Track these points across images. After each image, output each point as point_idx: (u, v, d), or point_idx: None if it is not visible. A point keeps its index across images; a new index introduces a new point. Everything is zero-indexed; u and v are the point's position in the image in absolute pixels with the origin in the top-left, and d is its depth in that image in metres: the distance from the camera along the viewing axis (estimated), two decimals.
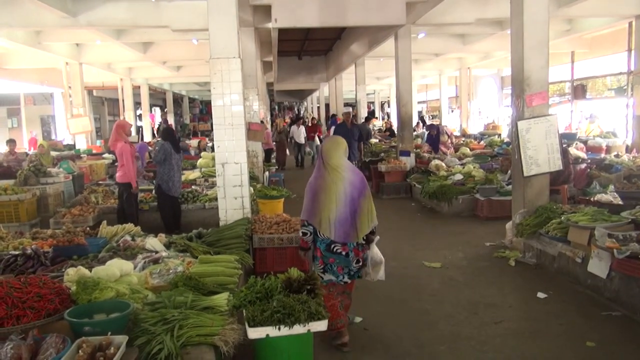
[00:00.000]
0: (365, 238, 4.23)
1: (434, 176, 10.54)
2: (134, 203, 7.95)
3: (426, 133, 15.76)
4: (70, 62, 15.24)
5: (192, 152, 15.67)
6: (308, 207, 4.16)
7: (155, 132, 22.90)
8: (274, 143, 18.81)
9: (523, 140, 6.33)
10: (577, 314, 4.74)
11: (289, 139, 20.20)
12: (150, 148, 14.76)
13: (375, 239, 4.34)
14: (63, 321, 3.17)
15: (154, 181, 9.71)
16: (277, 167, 16.16)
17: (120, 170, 7.80)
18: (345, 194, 4.09)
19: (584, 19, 12.89)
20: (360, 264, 4.26)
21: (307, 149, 19.66)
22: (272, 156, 17.23)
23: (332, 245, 4.15)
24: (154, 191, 8.59)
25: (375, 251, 4.35)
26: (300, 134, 19.16)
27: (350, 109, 12.86)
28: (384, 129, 22.40)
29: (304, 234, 4.21)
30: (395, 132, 19.31)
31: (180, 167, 8.19)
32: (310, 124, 21.79)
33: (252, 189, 7.77)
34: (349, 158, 8.39)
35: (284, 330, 3.40)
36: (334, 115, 21.07)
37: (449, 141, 14.18)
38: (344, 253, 4.17)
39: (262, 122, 13.72)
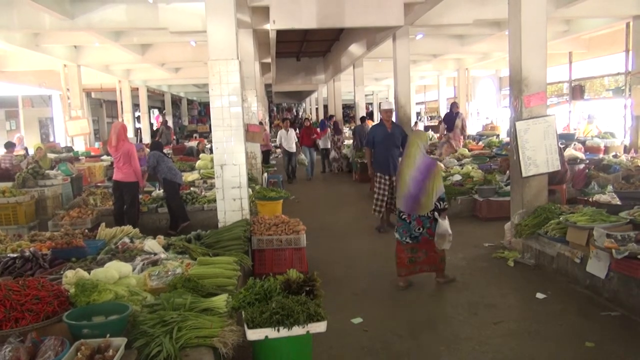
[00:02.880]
0: (434, 212, 5.38)
1: None
2: (137, 204, 7.96)
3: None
4: (68, 64, 15.24)
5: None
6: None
7: (155, 132, 22.86)
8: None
9: (521, 140, 6.33)
10: (576, 314, 4.74)
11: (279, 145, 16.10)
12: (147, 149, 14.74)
13: (441, 215, 5.38)
14: (62, 323, 3.16)
15: (155, 183, 9.70)
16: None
17: (124, 170, 7.70)
18: (412, 177, 5.29)
19: (582, 20, 12.92)
20: (422, 230, 5.48)
21: (302, 156, 15.42)
22: (271, 157, 17.15)
23: (401, 213, 5.56)
24: (158, 187, 9.12)
25: (442, 224, 5.35)
26: (290, 139, 14.89)
27: (392, 105, 8.79)
28: None
29: None
30: None
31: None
32: (305, 126, 17.06)
33: (250, 190, 7.77)
34: (389, 172, 7.92)
35: (283, 332, 3.40)
36: (332, 116, 21.04)
37: (460, 133, 13.97)
38: (407, 220, 5.51)
39: (260, 123, 13.69)
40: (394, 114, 8.75)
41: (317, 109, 32.04)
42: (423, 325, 4.67)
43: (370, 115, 29.22)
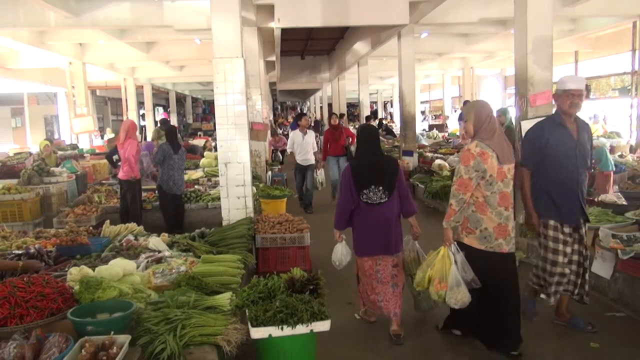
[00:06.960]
0: None
1: (437, 176, 10.52)
2: (138, 201, 7.97)
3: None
4: (73, 62, 15.27)
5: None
6: None
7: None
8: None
9: None
10: (581, 314, 4.71)
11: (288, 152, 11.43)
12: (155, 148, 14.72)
13: None
14: (66, 320, 3.16)
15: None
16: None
17: (123, 168, 7.82)
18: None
19: (588, 19, 12.84)
20: None
21: (318, 175, 10.34)
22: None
23: None
24: (156, 191, 8.65)
25: None
26: (307, 146, 10.06)
27: (584, 82, 4.19)
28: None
29: None
30: (393, 132, 19.39)
31: (182, 166, 8.17)
32: (331, 125, 11.16)
33: (254, 188, 7.77)
34: (575, 218, 4.26)
35: (287, 330, 3.40)
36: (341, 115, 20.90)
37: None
38: None
39: (278, 131, 13.34)
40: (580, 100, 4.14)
41: (321, 107, 31.99)
42: (427, 325, 4.66)
43: (374, 113, 29.19)
